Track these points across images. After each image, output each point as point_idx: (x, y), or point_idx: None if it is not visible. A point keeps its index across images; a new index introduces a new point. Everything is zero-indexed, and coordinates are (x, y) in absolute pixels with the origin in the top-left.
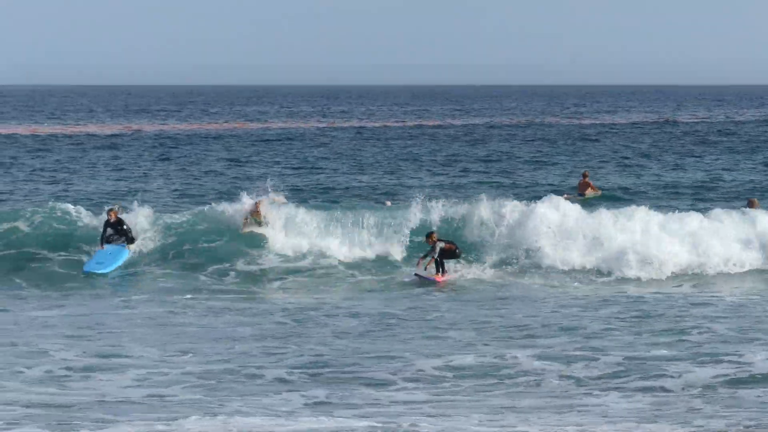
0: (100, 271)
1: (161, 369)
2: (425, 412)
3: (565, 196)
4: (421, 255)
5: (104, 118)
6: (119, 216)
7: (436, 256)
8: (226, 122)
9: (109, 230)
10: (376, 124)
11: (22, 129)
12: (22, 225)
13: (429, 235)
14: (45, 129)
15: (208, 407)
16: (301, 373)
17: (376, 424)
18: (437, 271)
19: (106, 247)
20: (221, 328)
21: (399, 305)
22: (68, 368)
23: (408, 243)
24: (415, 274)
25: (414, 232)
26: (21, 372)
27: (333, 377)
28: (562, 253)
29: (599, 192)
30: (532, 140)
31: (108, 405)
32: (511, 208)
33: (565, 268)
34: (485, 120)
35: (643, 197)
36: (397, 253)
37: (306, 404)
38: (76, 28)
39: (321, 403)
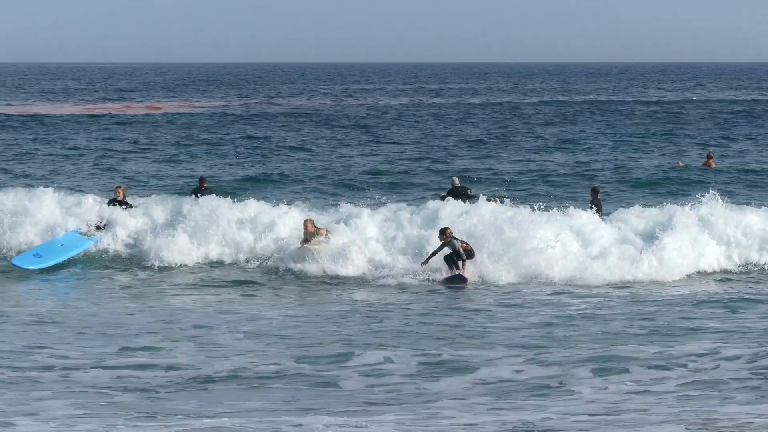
0: (26, 267)
1: (254, 359)
2: None
3: (680, 163)
4: (430, 253)
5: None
6: (126, 196)
7: (463, 255)
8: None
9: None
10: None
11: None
12: None
13: (444, 231)
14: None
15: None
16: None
17: None
18: (455, 269)
19: (65, 235)
20: (320, 322)
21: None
22: (153, 350)
23: None
24: (448, 278)
25: None
26: (111, 361)
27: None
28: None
29: (713, 165)
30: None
31: (203, 390)
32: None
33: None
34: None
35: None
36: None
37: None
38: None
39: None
